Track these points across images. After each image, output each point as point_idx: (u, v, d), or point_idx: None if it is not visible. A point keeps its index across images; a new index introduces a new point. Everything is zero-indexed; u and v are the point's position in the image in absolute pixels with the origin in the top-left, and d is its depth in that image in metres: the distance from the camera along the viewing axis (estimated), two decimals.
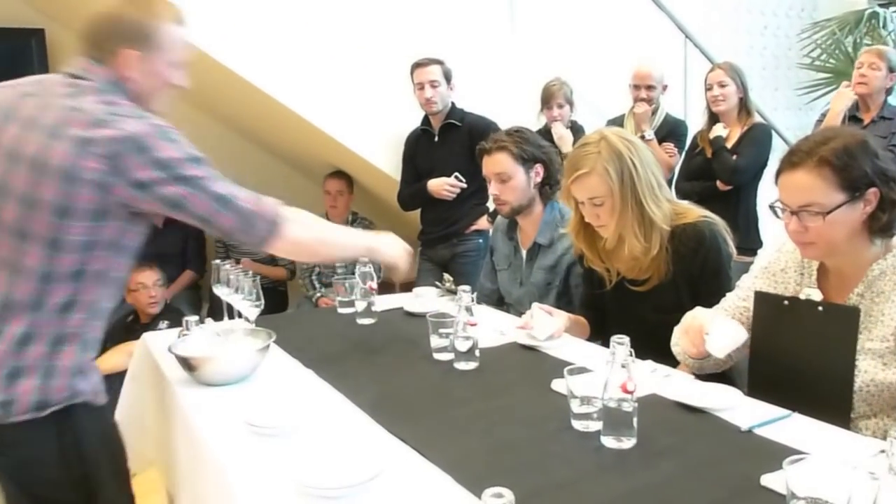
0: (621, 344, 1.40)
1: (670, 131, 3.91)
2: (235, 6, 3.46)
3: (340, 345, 2.21)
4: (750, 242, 3.42)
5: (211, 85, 4.06)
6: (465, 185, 3.69)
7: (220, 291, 2.22)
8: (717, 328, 1.70)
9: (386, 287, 2.62)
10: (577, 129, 3.96)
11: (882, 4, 5.73)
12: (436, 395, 1.75)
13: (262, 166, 4.96)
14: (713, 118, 3.65)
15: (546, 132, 3.82)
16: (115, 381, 2.75)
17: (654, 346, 1.84)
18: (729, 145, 3.54)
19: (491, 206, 3.76)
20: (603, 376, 1.42)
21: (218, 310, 2.41)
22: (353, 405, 1.67)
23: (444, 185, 3.69)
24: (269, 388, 1.80)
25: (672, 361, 1.91)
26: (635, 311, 2.12)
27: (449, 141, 3.75)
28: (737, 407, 1.57)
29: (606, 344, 1.75)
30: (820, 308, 1.65)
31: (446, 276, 3.32)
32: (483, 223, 3.73)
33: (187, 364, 1.83)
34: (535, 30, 4.32)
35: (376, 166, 4.03)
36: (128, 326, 3.73)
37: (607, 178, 2.01)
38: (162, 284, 3.78)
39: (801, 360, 1.66)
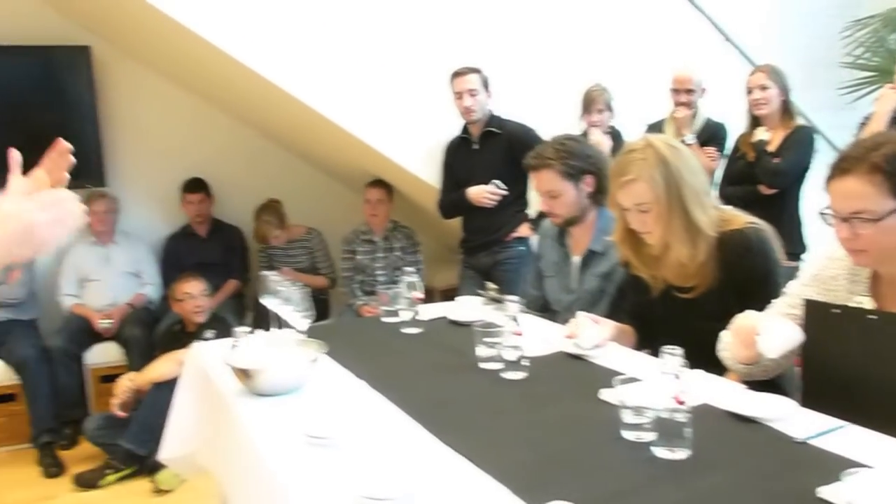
0: (673, 354, 1.40)
1: (712, 135, 3.89)
2: (275, 18, 3.51)
3: (387, 354, 2.24)
4: (794, 247, 3.38)
5: (252, 97, 4.12)
6: (505, 193, 3.69)
7: (269, 302, 2.22)
8: (771, 328, 1.68)
9: (425, 295, 2.64)
10: (615, 135, 3.95)
11: None
12: (485, 405, 1.76)
13: (303, 176, 5.02)
14: (755, 122, 3.61)
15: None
16: (164, 388, 2.83)
17: (702, 355, 1.83)
18: (772, 149, 3.50)
19: (531, 213, 3.77)
20: (655, 386, 1.43)
21: (263, 318, 2.43)
22: (404, 415, 1.69)
23: (484, 193, 3.69)
24: (321, 398, 1.83)
25: (720, 370, 1.90)
26: (682, 318, 2.11)
27: (488, 149, 3.76)
28: (790, 417, 1.55)
29: (653, 353, 1.75)
30: (872, 316, 1.63)
31: (489, 284, 3.33)
32: (524, 230, 3.73)
33: (244, 374, 1.85)
34: (573, 35, 4.31)
35: (416, 175, 4.06)
36: (175, 335, 3.81)
37: (653, 185, 2.01)
38: (208, 294, 3.85)
39: (854, 370, 1.64)
